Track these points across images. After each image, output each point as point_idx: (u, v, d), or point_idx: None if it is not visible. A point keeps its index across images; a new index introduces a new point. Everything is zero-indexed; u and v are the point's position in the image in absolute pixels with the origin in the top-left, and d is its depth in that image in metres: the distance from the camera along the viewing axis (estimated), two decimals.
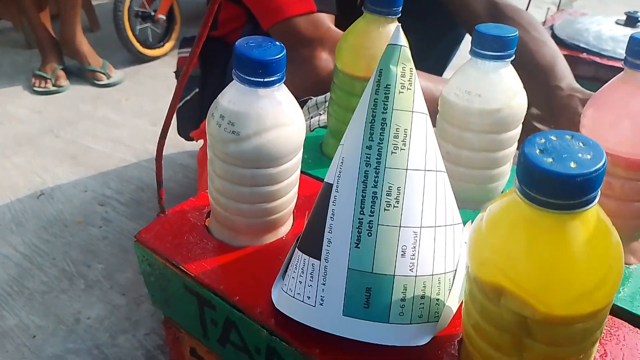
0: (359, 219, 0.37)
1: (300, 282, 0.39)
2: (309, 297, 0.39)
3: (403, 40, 0.36)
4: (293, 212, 0.52)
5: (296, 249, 0.42)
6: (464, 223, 0.43)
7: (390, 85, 0.36)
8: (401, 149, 0.36)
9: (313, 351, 0.39)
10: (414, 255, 0.37)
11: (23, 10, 1.87)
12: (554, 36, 1.13)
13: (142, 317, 0.96)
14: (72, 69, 1.92)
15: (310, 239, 0.39)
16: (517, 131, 0.54)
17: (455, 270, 0.40)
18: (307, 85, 0.76)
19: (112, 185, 1.32)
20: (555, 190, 0.27)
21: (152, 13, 1.93)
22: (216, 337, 0.47)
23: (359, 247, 0.37)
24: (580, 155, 0.27)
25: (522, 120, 0.54)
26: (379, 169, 0.36)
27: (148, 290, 0.52)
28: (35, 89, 1.82)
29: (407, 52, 0.36)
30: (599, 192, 0.28)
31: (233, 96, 0.42)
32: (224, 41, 0.99)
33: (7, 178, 1.36)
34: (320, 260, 0.38)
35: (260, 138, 0.42)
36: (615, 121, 0.45)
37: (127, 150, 1.47)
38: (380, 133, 0.36)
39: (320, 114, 0.70)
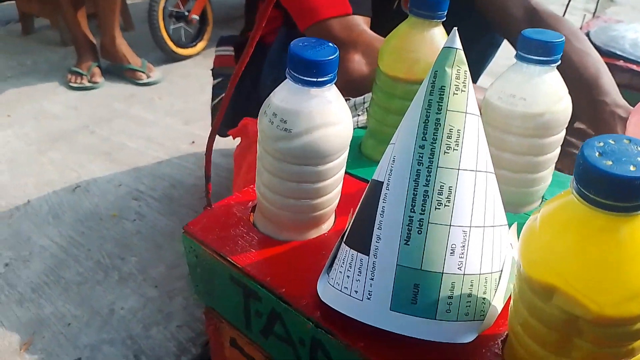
0: (410, 216, 0.38)
1: (348, 276, 0.40)
2: (356, 291, 0.40)
3: (458, 43, 0.37)
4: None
5: (342, 244, 0.43)
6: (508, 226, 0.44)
7: (445, 86, 0.37)
8: (454, 149, 0.37)
9: (358, 344, 0.40)
10: (462, 254, 0.38)
11: (60, 9, 1.93)
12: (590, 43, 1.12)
13: (174, 310, 0.98)
14: (107, 68, 1.96)
15: (359, 235, 0.40)
16: (560, 136, 0.54)
17: (501, 270, 0.40)
18: (339, 86, 0.77)
19: (145, 182, 1.35)
20: (614, 192, 0.27)
21: (186, 13, 1.97)
22: (259, 328, 0.48)
23: (408, 244, 0.38)
24: (638, 159, 0.28)
25: (566, 126, 0.54)
26: (431, 168, 0.37)
27: (192, 281, 0.54)
28: (71, 84, 1.87)
29: (462, 55, 0.37)
30: None
31: (286, 95, 0.43)
32: (259, 42, 1.01)
33: (43, 172, 1.40)
34: (369, 255, 0.39)
35: (311, 136, 0.43)
36: None
37: (160, 148, 1.51)
38: (434, 133, 0.37)
39: (358, 115, 0.71)
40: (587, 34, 1.19)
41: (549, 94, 0.51)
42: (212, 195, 0.53)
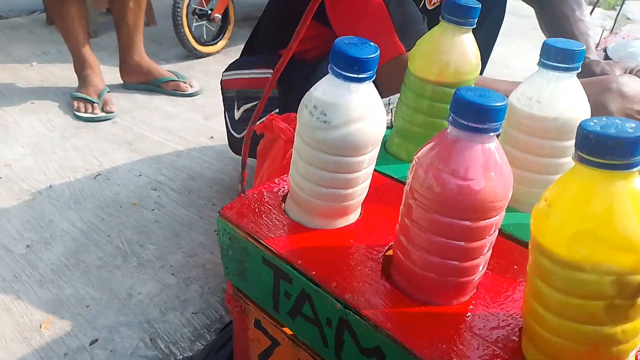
0: None
1: None
2: None
3: None
4: None
5: None
6: (516, 224, 0.45)
7: None
8: None
9: (385, 325, 0.43)
10: None
11: (57, 18, 1.68)
12: (607, 58, 1.15)
13: (190, 297, 1.01)
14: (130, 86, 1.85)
15: None
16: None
17: None
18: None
19: (165, 173, 1.38)
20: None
21: (209, 11, 2.01)
22: (287, 309, 0.51)
23: None
24: (627, 126, 0.32)
25: None
26: None
27: (223, 263, 0.57)
28: (80, 114, 1.61)
29: None
30: None
31: (327, 89, 0.46)
32: (298, 59, 0.98)
33: (66, 159, 1.43)
34: None
35: (348, 128, 0.46)
36: None
37: (180, 140, 1.54)
38: None
39: None
40: (605, 50, 1.21)
41: (564, 99, 0.54)
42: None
